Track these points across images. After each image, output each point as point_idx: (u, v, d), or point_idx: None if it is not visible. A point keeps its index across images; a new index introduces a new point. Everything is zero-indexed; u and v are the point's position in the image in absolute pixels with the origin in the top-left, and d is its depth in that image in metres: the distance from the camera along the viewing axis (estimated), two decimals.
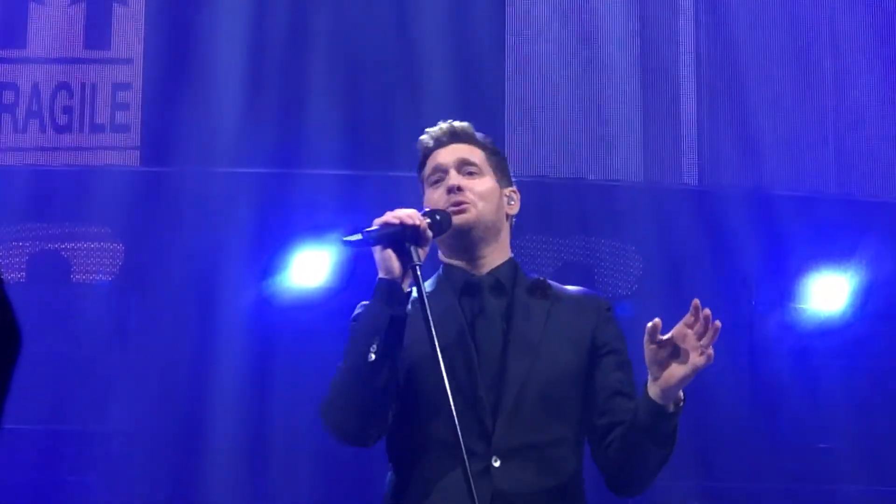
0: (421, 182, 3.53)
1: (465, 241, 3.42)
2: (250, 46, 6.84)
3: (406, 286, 3.25)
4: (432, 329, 3.12)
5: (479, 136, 3.55)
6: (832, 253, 6.70)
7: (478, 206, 3.41)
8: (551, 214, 6.50)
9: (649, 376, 3.18)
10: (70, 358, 6.36)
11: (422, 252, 3.25)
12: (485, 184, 3.45)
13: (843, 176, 7.22)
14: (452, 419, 3.06)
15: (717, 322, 3.13)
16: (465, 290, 3.40)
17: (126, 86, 7.05)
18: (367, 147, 6.86)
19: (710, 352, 3.13)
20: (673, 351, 3.15)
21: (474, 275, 3.42)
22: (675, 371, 3.14)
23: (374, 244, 3.26)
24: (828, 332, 6.65)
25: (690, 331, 3.14)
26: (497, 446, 3.26)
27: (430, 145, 3.52)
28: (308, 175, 6.60)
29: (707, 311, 3.14)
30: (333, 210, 6.40)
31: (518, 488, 3.24)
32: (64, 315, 6.45)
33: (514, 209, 3.53)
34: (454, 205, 3.39)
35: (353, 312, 3.42)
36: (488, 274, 3.43)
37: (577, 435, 3.38)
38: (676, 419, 3.20)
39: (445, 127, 3.54)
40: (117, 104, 7.04)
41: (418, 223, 3.25)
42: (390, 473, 3.39)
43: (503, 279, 3.43)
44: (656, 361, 3.15)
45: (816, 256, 6.69)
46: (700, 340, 3.13)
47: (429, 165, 3.50)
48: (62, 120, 7.02)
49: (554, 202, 6.53)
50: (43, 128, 7.02)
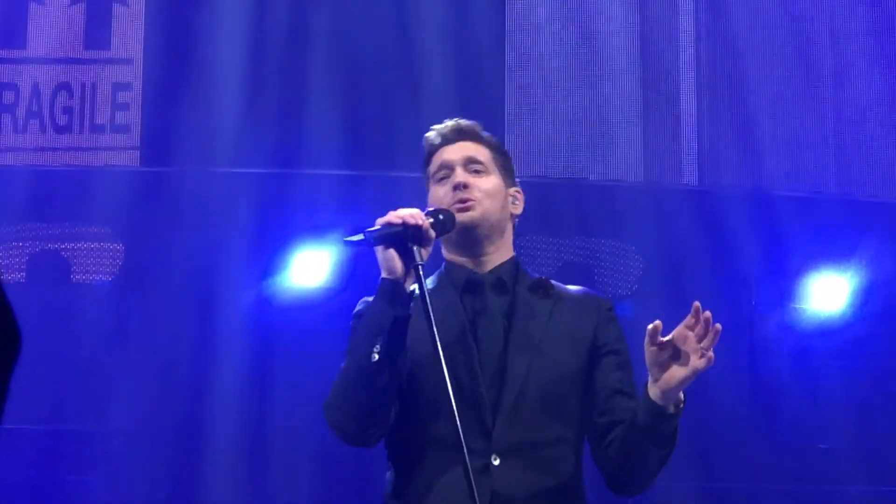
0: (425, 179, 3.52)
1: (469, 239, 3.41)
2: (250, 46, 6.84)
3: (409, 286, 3.23)
4: (434, 329, 3.11)
5: (485, 135, 3.54)
6: (832, 253, 6.70)
7: (483, 205, 3.40)
8: (551, 214, 6.49)
9: (649, 378, 3.18)
10: (70, 358, 6.36)
11: (424, 252, 3.23)
12: (490, 182, 3.44)
13: (843, 176, 7.22)
14: (453, 418, 3.05)
15: (717, 325, 3.13)
16: (467, 288, 3.40)
17: (126, 86, 7.06)
18: (367, 147, 6.85)
19: (711, 354, 3.13)
20: (673, 353, 3.14)
21: (476, 272, 3.42)
22: (675, 373, 3.14)
23: (377, 244, 3.24)
24: (828, 332, 6.65)
25: (691, 333, 3.14)
26: (497, 444, 3.25)
27: (436, 142, 3.51)
28: (308, 175, 6.59)
29: (707, 313, 3.13)
30: (333, 210, 6.40)
31: (517, 487, 3.24)
32: (64, 315, 6.45)
33: (518, 209, 3.52)
34: (459, 202, 3.38)
35: (353, 310, 3.42)
36: (490, 272, 3.42)
37: (577, 434, 3.37)
38: (677, 420, 3.20)
39: (452, 124, 3.53)
40: (117, 104, 7.05)
41: (421, 223, 3.23)
42: (390, 472, 3.38)
43: (505, 277, 3.42)
44: (657, 363, 3.15)
45: (816, 257, 6.69)
46: (700, 343, 3.13)
47: (434, 162, 3.49)
48: (62, 120, 7.02)
49: (554, 202, 6.53)
50: (43, 128, 7.02)
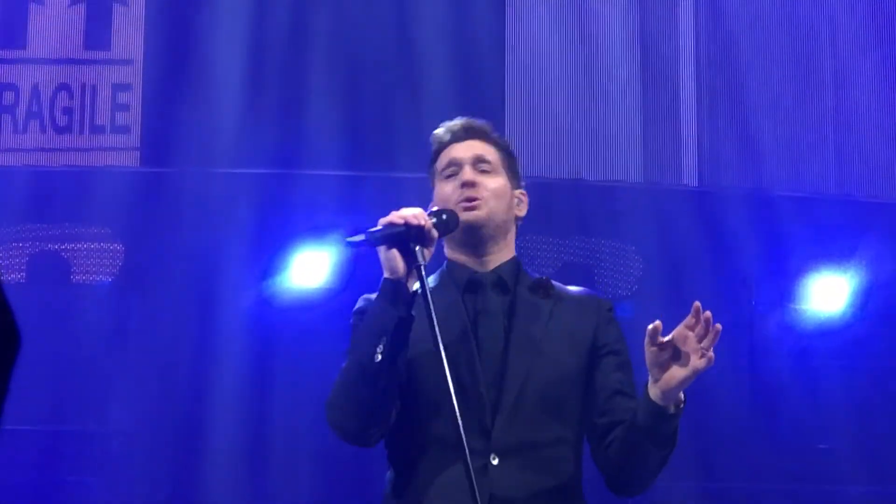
0: (431, 175, 3.51)
1: (473, 238, 3.40)
2: (250, 46, 6.84)
3: (411, 286, 3.22)
4: (436, 329, 3.10)
5: (495, 136, 3.54)
6: (832, 253, 6.70)
7: (489, 204, 3.39)
8: (551, 215, 6.49)
9: (650, 378, 3.18)
10: (70, 358, 6.36)
11: (427, 252, 3.22)
12: (497, 183, 3.44)
13: (842, 176, 7.22)
14: (454, 418, 3.04)
15: (717, 325, 3.13)
16: (468, 287, 3.39)
17: (126, 87, 7.05)
18: (367, 147, 6.85)
19: (711, 354, 3.13)
20: (673, 353, 3.14)
21: (477, 272, 3.42)
22: (675, 373, 3.13)
23: (379, 244, 3.23)
24: (828, 332, 6.65)
25: (691, 333, 3.13)
26: (496, 444, 3.24)
27: (445, 139, 3.50)
28: (308, 176, 6.59)
29: (708, 313, 3.13)
30: (333, 211, 6.40)
31: (516, 487, 3.23)
32: (64, 316, 6.45)
33: (523, 211, 3.52)
34: (466, 200, 3.38)
35: (354, 307, 3.41)
36: (491, 271, 3.42)
37: (577, 435, 3.37)
38: (677, 420, 3.19)
39: (463, 122, 3.52)
40: (117, 105, 7.04)
41: (423, 223, 3.22)
42: (390, 472, 3.37)
43: (506, 277, 3.42)
44: (657, 363, 3.14)
45: (816, 257, 6.69)
46: (701, 343, 3.13)
47: (443, 159, 3.48)
48: (62, 121, 7.02)
49: (554, 203, 6.53)
50: (43, 129, 7.02)
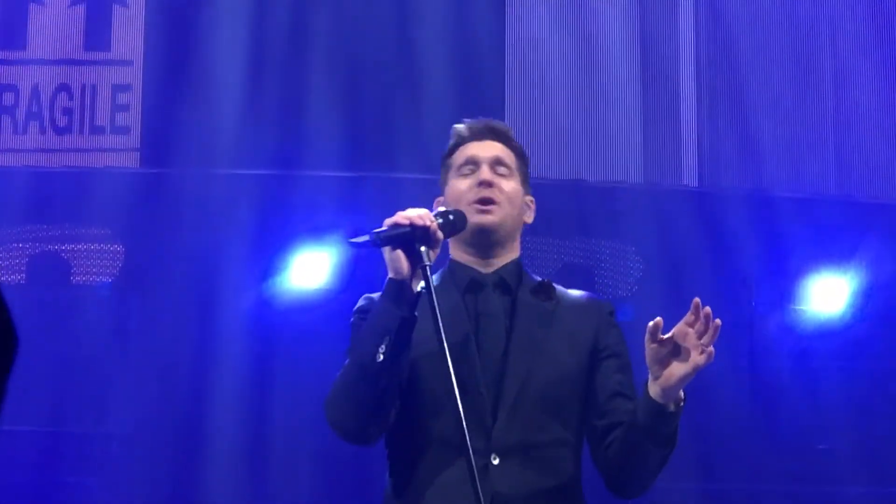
0: (445, 169, 3.50)
1: (483, 242, 3.41)
2: (250, 47, 6.84)
3: (416, 287, 3.21)
4: (441, 331, 3.09)
5: (514, 141, 3.54)
6: (832, 254, 6.70)
7: (504, 208, 3.39)
8: (551, 216, 6.49)
9: (650, 375, 3.18)
10: (70, 359, 6.36)
11: (432, 253, 3.21)
12: (513, 187, 3.44)
13: (842, 177, 7.22)
14: (457, 417, 3.03)
15: (717, 320, 3.13)
16: (470, 288, 3.40)
17: (126, 87, 7.05)
18: (367, 148, 6.85)
19: (711, 350, 3.13)
20: (674, 350, 3.14)
21: (480, 272, 3.42)
22: (675, 370, 3.14)
23: (384, 245, 3.22)
24: (828, 333, 6.65)
25: (691, 329, 3.14)
26: (496, 444, 3.24)
27: (465, 135, 3.50)
28: (308, 176, 6.59)
29: (707, 309, 3.13)
30: (334, 211, 6.40)
31: (516, 487, 3.23)
32: (64, 316, 6.45)
33: (530, 218, 3.53)
34: (481, 201, 3.38)
35: (355, 306, 3.41)
36: (493, 272, 3.42)
37: (577, 436, 3.37)
38: (677, 420, 3.19)
39: (484, 122, 3.53)
40: (117, 106, 7.04)
41: (429, 224, 3.21)
42: (390, 472, 3.37)
43: (508, 278, 3.42)
44: (657, 360, 3.15)
45: (816, 258, 6.69)
46: (701, 339, 3.13)
47: (460, 154, 3.48)
48: (62, 121, 7.03)
49: (554, 203, 6.52)
50: (43, 129, 7.02)
